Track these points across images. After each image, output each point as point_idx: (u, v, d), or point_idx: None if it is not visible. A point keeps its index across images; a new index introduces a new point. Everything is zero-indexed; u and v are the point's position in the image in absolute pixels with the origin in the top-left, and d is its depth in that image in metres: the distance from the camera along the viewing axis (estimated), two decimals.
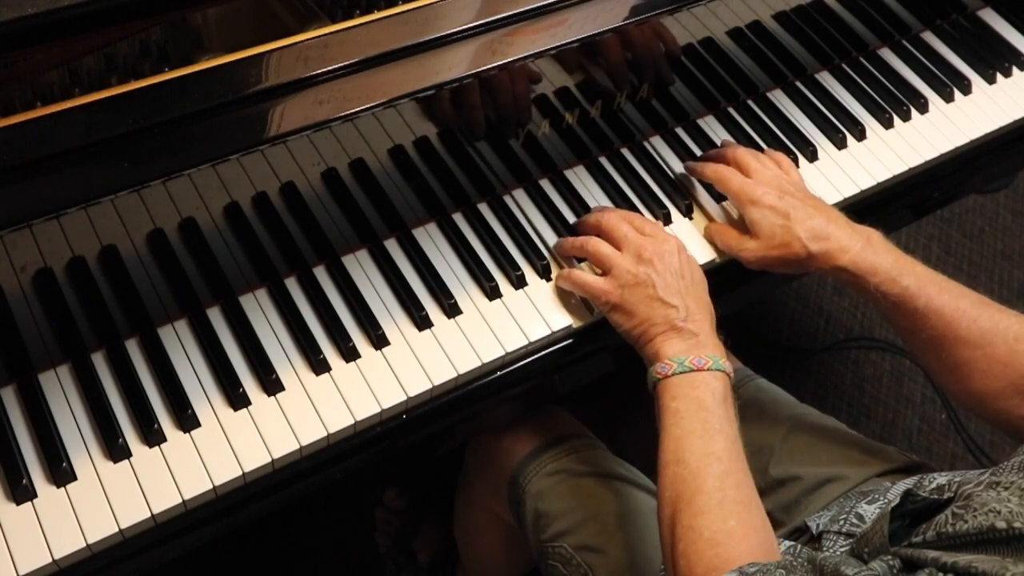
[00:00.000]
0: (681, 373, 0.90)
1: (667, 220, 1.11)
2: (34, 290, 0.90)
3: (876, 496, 0.95)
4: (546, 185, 1.12)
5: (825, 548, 0.90)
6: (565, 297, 1.04)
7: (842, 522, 0.92)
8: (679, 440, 0.86)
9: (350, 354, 0.96)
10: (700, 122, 1.21)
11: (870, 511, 0.91)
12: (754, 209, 1.02)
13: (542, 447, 1.15)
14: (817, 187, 1.16)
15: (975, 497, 0.72)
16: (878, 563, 0.71)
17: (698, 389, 0.89)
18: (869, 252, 0.97)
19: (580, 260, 1.05)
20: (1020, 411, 0.92)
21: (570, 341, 1.04)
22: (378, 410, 0.94)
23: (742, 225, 1.06)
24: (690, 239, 1.09)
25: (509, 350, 0.99)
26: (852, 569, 0.69)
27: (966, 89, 1.30)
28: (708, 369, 0.90)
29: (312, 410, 0.93)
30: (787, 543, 0.97)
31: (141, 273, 0.95)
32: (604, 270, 0.99)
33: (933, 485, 0.81)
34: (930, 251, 2.21)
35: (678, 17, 1.10)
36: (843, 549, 0.88)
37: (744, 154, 1.09)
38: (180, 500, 0.86)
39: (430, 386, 0.96)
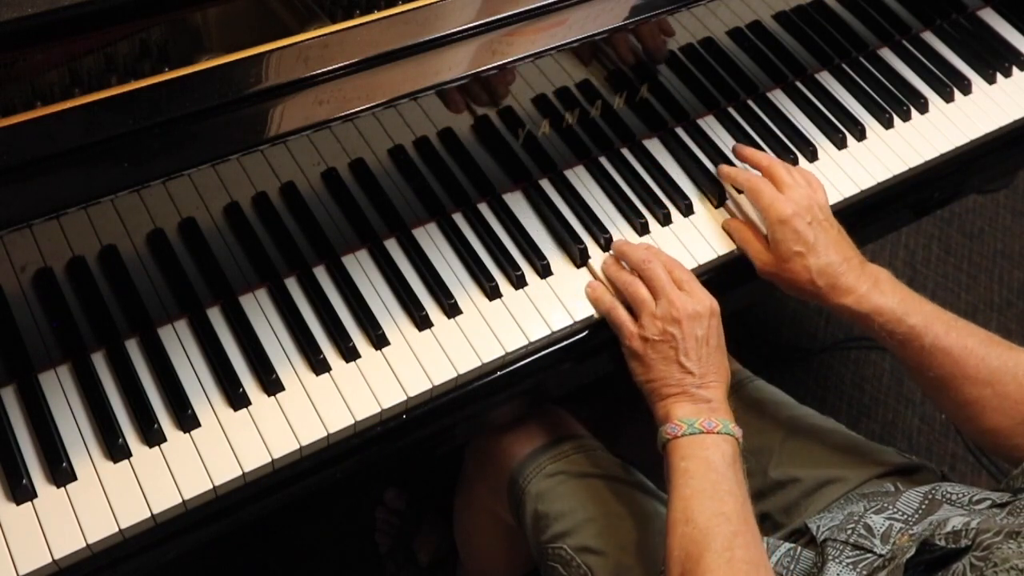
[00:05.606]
0: (691, 434, 0.91)
1: (667, 220, 1.11)
2: (34, 290, 0.90)
3: (885, 504, 0.95)
4: (546, 185, 1.12)
5: (830, 557, 0.90)
6: (565, 297, 1.04)
7: (849, 531, 0.92)
8: (688, 500, 0.87)
9: (350, 354, 0.96)
10: (700, 122, 1.20)
11: (879, 522, 0.91)
12: (779, 228, 1.02)
13: (542, 448, 1.15)
14: None
15: (995, 550, 0.71)
16: None
17: (708, 450, 0.90)
18: (875, 294, 0.98)
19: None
20: None
21: (570, 341, 1.04)
22: (378, 410, 0.94)
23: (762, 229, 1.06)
24: (690, 237, 1.10)
25: (509, 350, 0.99)
26: None
27: (966, 89, 1.29)
28: (718, 432, 0.91)
29: (312, 410, 0.93)
30: (786, 545, 0.97)
31: (141, 273, 0.94)
32: (635, 313, 1.00)
33: (947, 529, 0.80)
34: (930, 251, 2.21)
35: (678, 17, 1.10)
36: (849, 561, 0.88)
37: (778, 166, 1.08)
38: (180, 500, 0.86)
39: (430, 386, 0.96)
